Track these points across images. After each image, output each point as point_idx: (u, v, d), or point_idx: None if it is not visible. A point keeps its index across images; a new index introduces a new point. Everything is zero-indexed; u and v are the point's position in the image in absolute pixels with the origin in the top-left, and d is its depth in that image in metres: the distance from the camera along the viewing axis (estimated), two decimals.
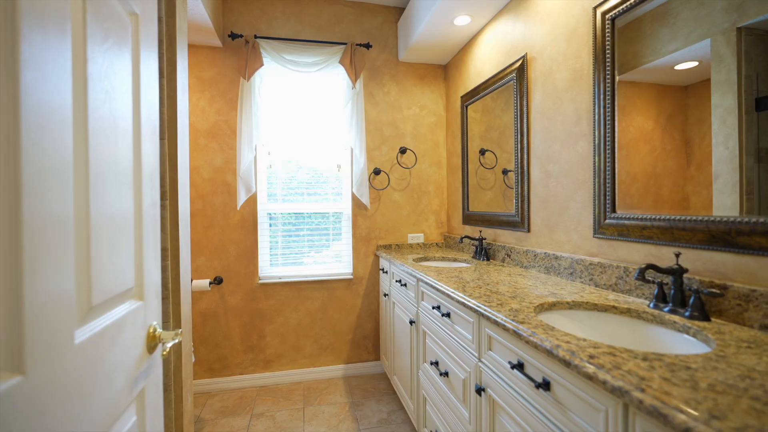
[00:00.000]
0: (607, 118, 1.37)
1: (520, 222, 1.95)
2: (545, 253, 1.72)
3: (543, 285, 1.47)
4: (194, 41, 2.47)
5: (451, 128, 2.85)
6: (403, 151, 2.82)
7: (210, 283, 2.49)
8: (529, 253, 1.84)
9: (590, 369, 0.72)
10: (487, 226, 2.31)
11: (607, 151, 1.37)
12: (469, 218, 2.55)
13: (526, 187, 1.90)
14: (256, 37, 2.50)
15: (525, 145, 1.90)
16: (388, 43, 2.82)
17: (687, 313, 1.01)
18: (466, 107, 2.56)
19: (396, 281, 2.23)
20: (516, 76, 1.95)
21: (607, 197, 1.38)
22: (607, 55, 1.36)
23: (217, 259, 2.57)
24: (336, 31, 2.72)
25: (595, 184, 1.44)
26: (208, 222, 2.55)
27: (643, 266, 1.04)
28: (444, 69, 2.94)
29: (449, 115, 2.88)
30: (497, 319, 1.06)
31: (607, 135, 1.37)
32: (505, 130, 2.21)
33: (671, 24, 1.16)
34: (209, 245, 2.55)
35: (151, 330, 0.85)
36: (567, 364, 0.78)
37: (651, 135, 1.24)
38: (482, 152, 2.49)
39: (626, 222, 1.30)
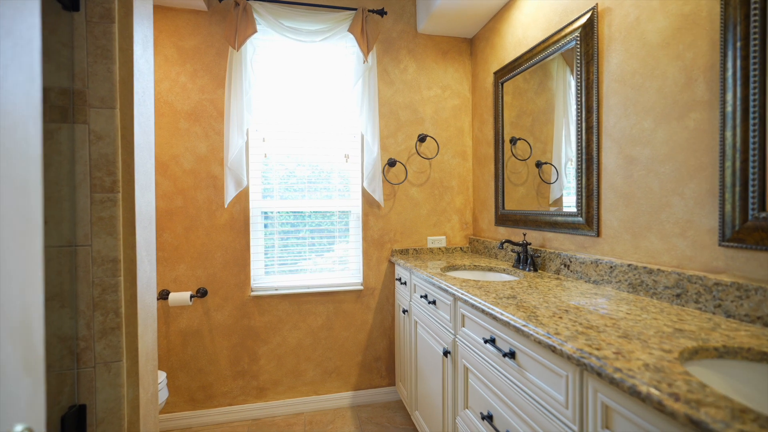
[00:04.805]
0: (754, 72, 0.94)
1: (585, 223, 1.52)
2: (628, 265, 1.29)
3: (645, 312, 1.04)
4: (172, 3, 2.03)
5: (479, 112, 2.42)
6: (422, 138, 2.39)
7: (192, 297, 2.05)
8: (601, 264, 1.41)
9: None
10: (532, 228, 1.87)
11: (753, 122, 0.94)
12: (505, 218, 2.12)
13: (594, 179, 1.47)
14: None
15: (593, 124, 1.47)
16: (405, 10, 2.39)
17: None
18: (502, 85, 2.13)
19: (421, 296, 1.79)
20: (579, 37, 1.52)
21: (750, 188, 0.95)
22: None
23: (200, 267, 2.13)
24: None
25: (723, 171, 1.01)
26: (189, 222, 2.11)
27: None
28: (470, 43, 2.50)
29: (476, 97, 2.45)
30: (643, 392, 0.63)
31: (753, 98, 0.94)
32: (539, 115, 1.83)
33: None
34: (191, 250, 2.11)
35: None
36: None
37: None
38: (513, 141, 2.08)
39: None
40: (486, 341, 1.17)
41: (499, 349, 1.10)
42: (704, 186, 1.08)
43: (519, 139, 2.03)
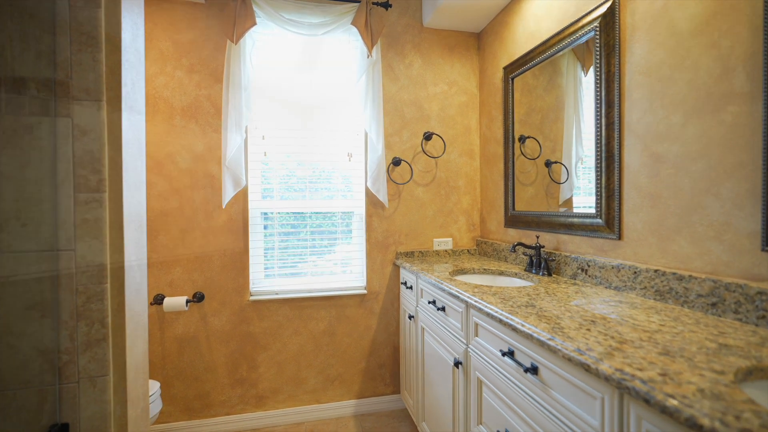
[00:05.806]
0: None
1: (605, 225, 1.43)
2: (654, 270, 1.20)
3: (680, 324, 0.95)
4: None
5: (487, 109, 2.33)
6: (428, 137, 2.30)
7: (188, 302, 1.96)
8: (623, 268, 1.32)
9: None
10: (545, 230, 1.78)
11: None
12: (515, 220, 2.03)
13: (615, 178, 1.38)
14: None
15: (614, 119, 1.38)
16: (410, 3, 2.30)
17: None
18: (512, 80, 2.04)
19: (428, 302, 1.71)
20: (599, 27, 1.43)
21: None
22: None
23: (197, 270, 2.04)
24: None
25: (766, 169, 0.92)
26: (185, 224, 2.02)
27: None
28: (477, 38, 2.42)
29: (484, 93, 2.36)
30: (706, 426, 0.54)
31: None
32: (548, 112, 1.78)
33: None
34: (187, 253, 2.02)
35: None
36: None
37: None
38: (522, 140, 2.01)
39: None
40: (504, 354, 1.07)
41: (519, 363, 1.01)
42: (743, 185, 0.99)
43: (528, 137, 1.96)
